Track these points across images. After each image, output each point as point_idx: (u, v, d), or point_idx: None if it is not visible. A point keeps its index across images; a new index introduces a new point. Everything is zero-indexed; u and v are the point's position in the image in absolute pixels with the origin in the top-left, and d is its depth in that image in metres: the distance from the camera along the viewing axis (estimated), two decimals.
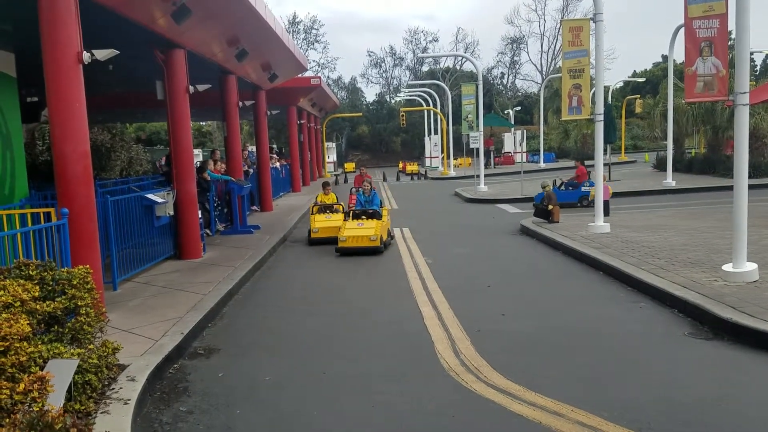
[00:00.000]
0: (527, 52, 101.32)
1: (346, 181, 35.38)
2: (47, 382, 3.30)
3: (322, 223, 12.98)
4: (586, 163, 18.89)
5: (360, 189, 14.40)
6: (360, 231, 11.51)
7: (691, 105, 23.81)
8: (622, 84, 50.75)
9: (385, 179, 33.53)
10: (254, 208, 18.20)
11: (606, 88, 37.51)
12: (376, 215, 12.19)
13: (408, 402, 4.91)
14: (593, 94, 13.00)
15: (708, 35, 11.02)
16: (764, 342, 5.69)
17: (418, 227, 14.63)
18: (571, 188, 17.99)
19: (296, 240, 13.95)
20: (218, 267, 10.11)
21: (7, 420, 3.06)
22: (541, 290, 8.38)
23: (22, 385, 3.27)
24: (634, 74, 60.60)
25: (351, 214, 12.29)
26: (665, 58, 44.94)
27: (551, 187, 14.04)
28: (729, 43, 11.50)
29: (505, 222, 15.30)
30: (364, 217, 12.14)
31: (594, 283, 8.69)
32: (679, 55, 21.36)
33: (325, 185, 15.26)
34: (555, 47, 66.05)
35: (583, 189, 17.63)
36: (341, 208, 13.64)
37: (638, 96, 43.31)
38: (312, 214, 13.55)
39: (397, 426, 4.50)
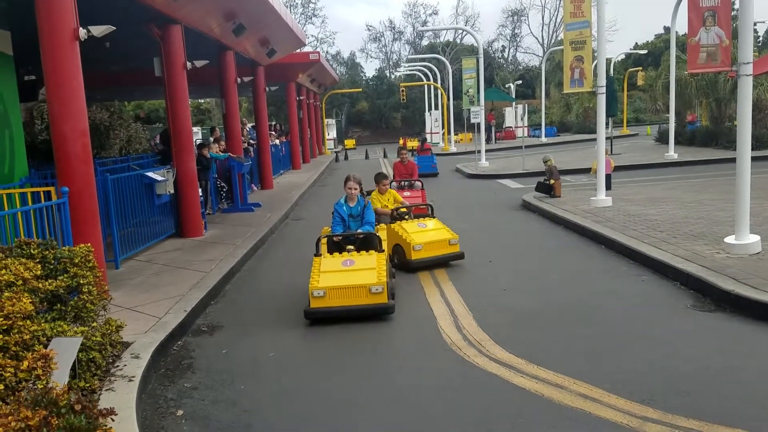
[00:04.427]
0: (528, 25, 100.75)
1: (346, 158, 35.26)
2: (51, 359, 3.30)
3: (421, 234, 8.34)
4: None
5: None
6: (349, 277, 6.40)
7: (693, 76, 23.61)
8: (623, 56, 50.31)
9: (385, 156, 33.44)
10: (253, 186, 18.15)
11: (608, 61, 37.15)
12: (371, 242, 7.05)
13: (411, 376, 4.93)
14: (595, 66, 12.86)
15: (711, 4, 10.88)
16: (767, 313, 5.70)
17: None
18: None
19: (298, 218, 13.94)
20: (220, 245, 10.12)
21: (12, 397, 3.07)
22: (542, 264, 8.38)
23: (26, 363, 3.28)
24: (636, 46, 60.05)
25: (329, 242, 7.24)
26: (667, 29, 44.51)
27: (553, 162, 13.98)
28: (732, 13, 11.37)
29: (507, 197, 15.27)
30: (351, 248, 7.01)
31: (596, 256, 8.68)
32: (681, 27, 21.11)
33: (381, 178, 9.25)
34: (556, 19, 65.40)
35: None
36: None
37: (640, 68, 43.00)
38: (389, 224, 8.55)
39: (401, 400, 4.53)
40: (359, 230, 7.38)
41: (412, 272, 8.08)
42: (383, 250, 6.89)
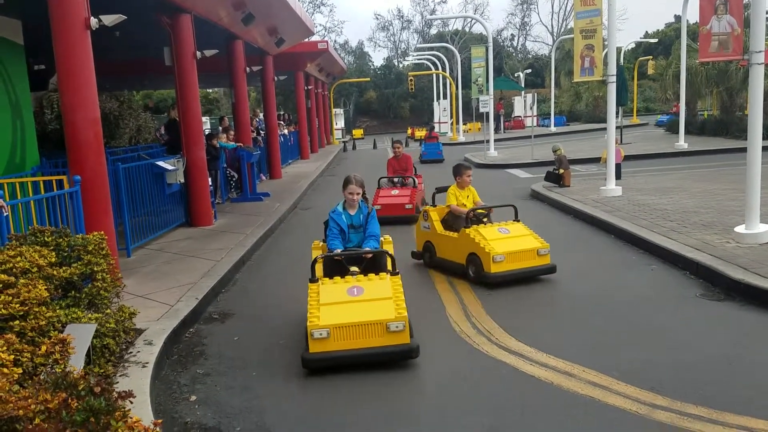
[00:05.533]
0: (538, 13, 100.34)
1: (354, 148, 35.23)
2: (69, 344, 3.36)
3: (502, 242, 7.01)
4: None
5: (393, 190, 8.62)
6: (358, 310, 4.96)
7: (704, 65, 23.40)
8: (634, 45, 49.89)
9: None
10: (262, 176, 18.19)
11: (618, 50, 36.87)
12: (381, 263, 5.66)
13: (421, 364, 4.96)
14: (605, 55, 12.79)
15: None
16: None
17: (427, 194, 14.57)
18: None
19: (306, 207, 13.99)
20: (230, 234, 10.17)
21: (29, 382, 3.13)
22: (552, 254, 8.35)
23: (44, 348, 3.33)
24: (646, 35, 59.53)
25: (326, 264, 5.71)
26: (678, 18, 44.09)
27: (562, 151, 13.94)
28: (744, 1, 11.27)
29: (516, 187, 15.24)
30: (356, 269, 5.48)
31: (605, 246, 8.68)
32: (692, 15, 20.94)
33: (464, 169, 8.00)
34: (566, 7, 64.91)
35: None
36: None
37: (650, 57, 42.60)
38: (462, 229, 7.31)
39: (410, 387, 4.57)
40: (366, 247, 5.77)
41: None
42: (398, 273, 5.45)
